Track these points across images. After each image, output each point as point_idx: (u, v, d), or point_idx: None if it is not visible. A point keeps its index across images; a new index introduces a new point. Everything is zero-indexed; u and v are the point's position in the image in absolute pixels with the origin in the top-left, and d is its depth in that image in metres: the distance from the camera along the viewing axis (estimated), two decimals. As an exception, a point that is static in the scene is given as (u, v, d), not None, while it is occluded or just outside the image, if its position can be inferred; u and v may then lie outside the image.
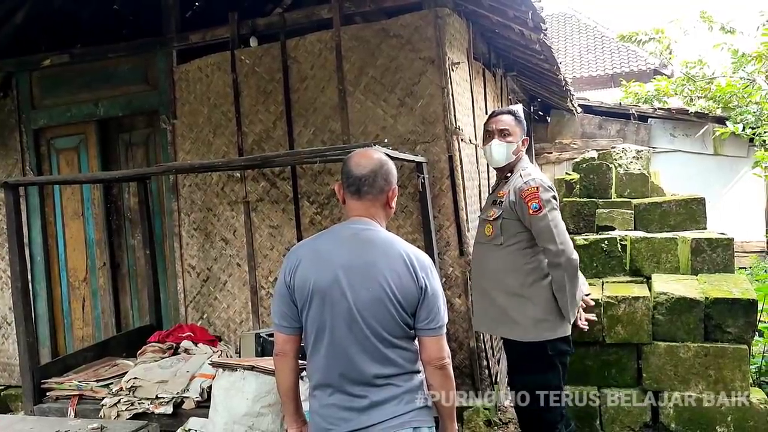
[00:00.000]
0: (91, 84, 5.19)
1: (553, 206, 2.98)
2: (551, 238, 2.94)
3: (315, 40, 4.55)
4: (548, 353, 3.03)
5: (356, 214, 2.12)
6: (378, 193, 2.10)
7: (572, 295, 2.98)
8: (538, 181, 3.01)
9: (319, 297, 2.03)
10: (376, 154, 2.15)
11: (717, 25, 10.64)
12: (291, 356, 2.17)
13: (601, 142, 10.09)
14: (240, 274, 4.81)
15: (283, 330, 2.14)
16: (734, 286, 3.70)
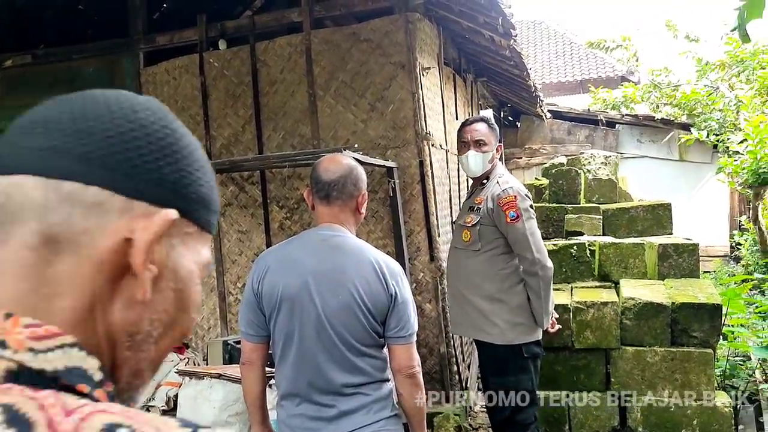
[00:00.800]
0: (54, 86, 5.07)
1: (530, 215, 3.04)
2: (528, 246, 2.99)
3: (285, 44, 4.51)
4: (523, 356, 3.09)
5: (326, 220, 2.09)
6: (347, 198, 2.08)
7: (546, 302, 3.03)
8: (516, 190, 3.05)
9: (287, 304, 1.99)
10: (345, 160, 2.13)
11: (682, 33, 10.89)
12: (258, 365, 2.13)
13: (570, 148, 10.20)
14: (208, 279, 4.73)
15: (250, 338, 2.10)
16: (699, 291, 3.75)
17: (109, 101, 0.57)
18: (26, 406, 0.45)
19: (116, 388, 0.54)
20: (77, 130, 0.53)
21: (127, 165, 0.54)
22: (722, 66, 9.90)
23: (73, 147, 0.53)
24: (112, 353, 0.55)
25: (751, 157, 6.81)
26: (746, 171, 6.97)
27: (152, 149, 0.56)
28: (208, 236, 0.62)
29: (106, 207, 0.53)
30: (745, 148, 7.08)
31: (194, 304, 0.61)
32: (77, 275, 0.52)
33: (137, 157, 0.54)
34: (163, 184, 0.56)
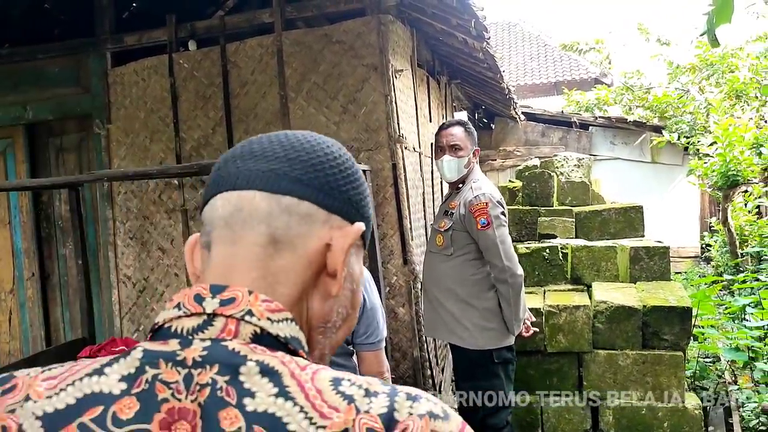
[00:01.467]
0: (19, 86, 4.94)
1: (501, 222, 3.03)
2: (497, 254, 2.99)
3: (256, 45, 4.45)
4: (494, 361, 3.09)
5: None
6: None
7: (516, 309, 3.03)
8: (488, 196, 3.04)
9: None
10: None
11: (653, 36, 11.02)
12: None
13: (544, 150, 10.26)
14: (178, 284, 4.65)
15: None
16: (670, 293, 3.78)
17: (307, 138, 0.73)
18: (273, 361, 0.60)
19: None
20: (289, 158, 0.69)
21: (327, 187, 0.69)
22: (693, 69, 10.05)
23: (288, 171, 0.68)
24: (308, 337, 0.69)
25: (720, 160, 6.91)
26: (716, 173, 7.08)
27: (342, 176, 0.71)
28: (363, 250, 0.77)
29: (314, 218, 0.68)
30: (714, 150, 7.18)
31: (359, 304, 0.76)
32: (293, 269, 0.67)
33: (333, 181, 0.70)
34: (350, 203, 0.72)
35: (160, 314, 0.65)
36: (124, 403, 0.57)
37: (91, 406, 0.57)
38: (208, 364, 0.58)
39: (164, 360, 0.59)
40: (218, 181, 0.71)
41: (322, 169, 0.70)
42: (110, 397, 0.58)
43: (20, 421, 0.57)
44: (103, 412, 0.57)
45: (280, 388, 0.58)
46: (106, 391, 0.58)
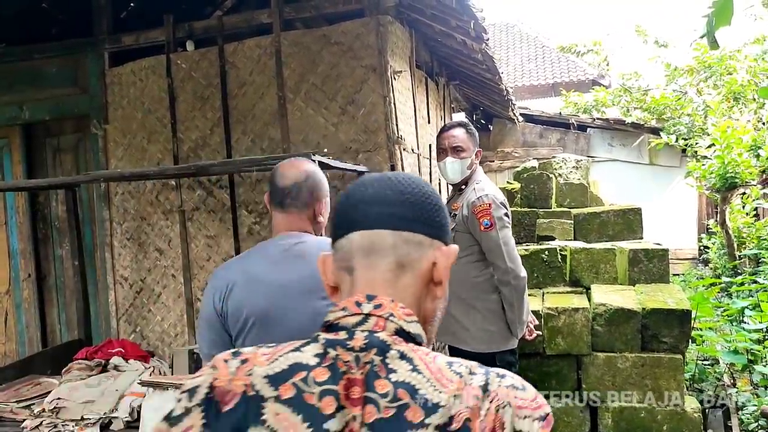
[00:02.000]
0: (15, 86, 4.92)
1: (504, 224, 3.00)
2: (500, 255, 2.97)
3: (254, 45, 4.43)
4: (496, 365, 3.05)
5: (282, 227, 1.99)
6: (302, 206, 1.97)
7: (520, 312, 3.00)
8: (491, 197, 3.01)
9: (258, 324, 1.88)
10: (303, 165, 2.02)
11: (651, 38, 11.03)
12: None
13: (542, 151, 10.26)
14: (175, 285, 4.64)
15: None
16: (669, 296, 3.77)
17: (409, 182, 0.98)
18: (407, 349, 0.86)
19: None
20: (402, 202, 0.96)
21: (429, 220, 0.97)
22: (690, 71, 10.05)
23: (404, 213, 0.95)
24: (423, 329, 0.93)
25: (718, 162, 6.91)
26: (714, 175, 7.07)
27: (435, 210, 0.98)
28: None
29: (424, 245, 0.95)
30: (712, 152, 7.18)
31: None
32: (413, 284, 0.95)
33: (431, 216, 0.97)
34: (442, 229, 0.99)
35: (329, 315, 0.94)
36: (318, 371, 0.86)
37: (297, 371, 0.86)
38: (368, 349, 0.86)
39: (340, 346, 0.87)
40: (352, 221, 0.98)
41: (423, 208, 0.97)
42: (309, 367, 0.86)
43: (254, 381, 0.87)
44: (305, 375, 0.85)
45: (413, 366, 0.85)
46: (305, 362, 0.87)
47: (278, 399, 0.85)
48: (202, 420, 0.86)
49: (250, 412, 0.85)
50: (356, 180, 1.05)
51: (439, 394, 0.83)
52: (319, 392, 0.84)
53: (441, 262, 0.96)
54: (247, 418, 0.85)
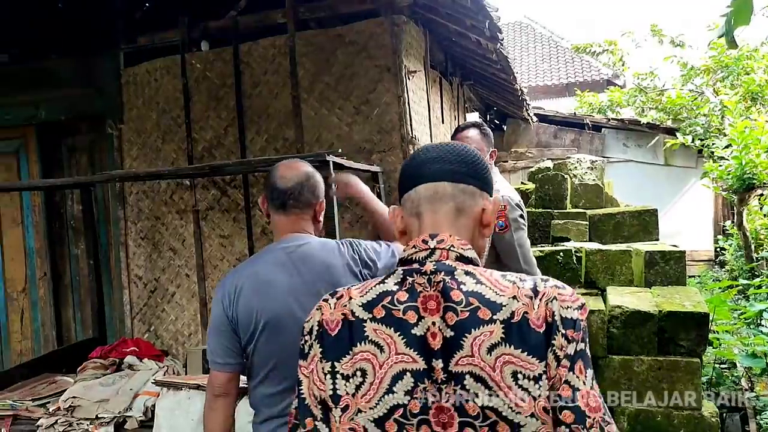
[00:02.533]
0: (31, 86, 4.95)
1: (519, 225, 2.96)
2: (515, 257, 2.93)
3: (268, 45, 4.43)
4: None
5: (285, 230, 2.00)
6: (304, 207, 1.99)
7: None
8: (506, 199, 2.97)
9: (269, 328, 1.88)
10: (303, 166, 2.04)
11: (667, 38, 10.92)
12: (233, 395, 1.98)
13: (556, 151, 10.20)
14: (189, 285, 4.65)
15: (228, 368, 1.93)
16: (686, 299, 3.72)
17: (462, 147, 1.27)
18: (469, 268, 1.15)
19: None
20: (458, 160, 1.23)
21: (479, 176, 1.24)
22: (707, 71, 9.94)
23: (459, 168, 1.23)
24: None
25: (736, 163, 6.82)
26: (731, 176, 6.99)
27: (484, 168, 1.26)
28: None
29: (476, 195, 1.23)
30: (730, 153, 7.09)
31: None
32: (467, 225, 1.22)
33: (482, 172, 1.26)
34: (489, 184, 1.27)
35: (404, 252, 1.22)
36: (400, 294, 1.16)
37: (384, 297, 1.17)
38: (437, 273, 1.14)
39: (414, 273, 1.16)
40: (419, 176, 1.25)
41: (475, 166, 1.25)
42: (392, 292, 1.17)
43: (352, 309, 1.18)
44: (391, 299, 1.16)
45: (476, 280, 1.14)
46: (389, 290, 1.17)
47: (374, 319, 1.16)
48: (319, 348, 1.21)
49: (354, 333, 1.17)
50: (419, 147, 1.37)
51: (500, 297, 1.11)
52: (403, 308, 1.15)
53: (488, 209, 1.25)
54: (353, 337, 1.17)
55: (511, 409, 1.07)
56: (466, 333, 1.09)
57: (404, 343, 1.12)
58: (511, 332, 1.09)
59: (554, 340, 1.09)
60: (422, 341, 1.11)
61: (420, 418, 1.11)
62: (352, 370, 1.15)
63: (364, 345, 1.15)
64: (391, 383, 1.12)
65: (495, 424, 1.08)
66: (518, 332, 1.09)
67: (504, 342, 1.09)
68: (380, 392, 1.13)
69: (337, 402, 1.16)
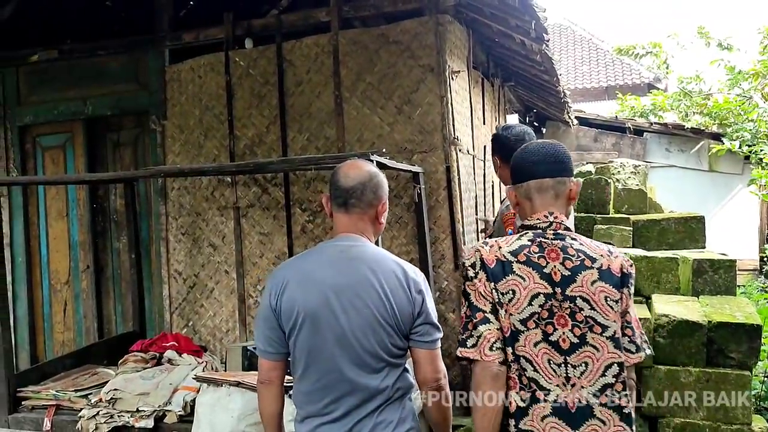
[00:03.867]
0: (79, 81, 5.04)
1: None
2: None
3: (312, 44, 4.43)
4: None
5: (343, 229, 2.00)
6: (366, 207, 1.98)
7: None
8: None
9: (309, 322, 1.90)
10: (366, 166, 2.03)
11: (714, 41, 10.65)
12: (277, 384, 2.04)
13: (596, 155, 10.03)
14: (228, 281, 4.67)
15: (269, 356, 2.00)
16: (737, 309, 3.60)
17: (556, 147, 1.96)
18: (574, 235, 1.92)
19: None
20: (555, 161, 1.93)
21: (567, 168, 1.96)
22: (756, 75, 9.66)
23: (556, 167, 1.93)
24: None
25: (786, 170, 6.61)
26: (781, 184, 6.77)
27: (569, 160, 1.97)
28: None
29: (567, 182, 1.94)
30: (779, 160, 6.88)
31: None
32: (563, 204, 1.94)
33: (569, 164, 1.97)
34: (572, 169, 1.98)
35: (529, 220, 1.93)
36: (533, 247, 1.86)
37: (524, 248, 1.86)
38: (556, 238, 1.87)
39: (540, 236, 1.88)
40: (530, 173, 1.94)
41: (565, 162, 1.93)
42: (528, 245, 1.86)
43: (503, 253, 1.86)
44: (528, 250, 1.85)
45: (580, 243, 1.88)
46: (525, 244, 1.86)
47: (518, 261, 1.84)
48: (484, 274, 1.85)
49: (505, 269, 1.84)
50: (525, 146, 2.00)
51: (594, 254, 1.85)
52: (537, 256, 1.84)
53: (573, 189, 1.95)
54: (505, 272, 1.83)
55: (603, 317, 1.81)
56: (578, 273, 1.81)
57: (539, 277, 1.82)
58: (603, 274, 1.82)
59: (628, 284, 1.86)
60: (549, 276, 1.82)
61: (547, 320, 1.81)
62: (506, 289, 1.82)
63: (512, 276, 1.82)
64: (530, 300, 1.81)
65: (592, 327, 1.80)
66: (607, 275, 1.82)
67: (599, 279, 1.82)
68: (524, 304, 1.81)
69: (501, 306, 1.82)
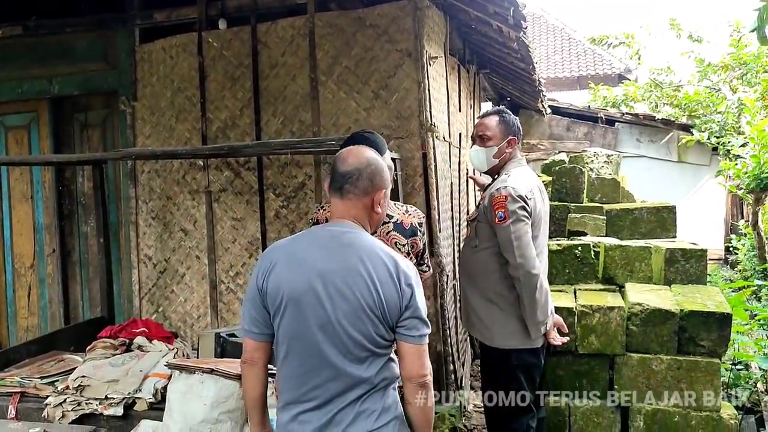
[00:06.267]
0: (45, 59, 4.87)
1: (518, 217, 2.91)
2: (511, 249, 2.91)
3: (287, 26, 4.34)
4: (512, 363, 3.00)
5: (338, 215, 1.99)
6: (361, 193, 1.95)
7: (532, 310, 2.91)
8: (508, 190, 2.94)
9: (293, 306, 1.87)
10: (366, 152, 2.01)
11: (685, 33, 10.79)
12: (260, 365, 2.02)
13: (568, 144, 10.10)
14: (199, 267, 4.59)
15: (253, 336, 1.99)
16: (708, 298, 3.66)
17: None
18: None
19: None
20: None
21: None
22: (725, 68, 9.82)
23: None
24: None
25: (754, 162, 6.73)
26: (748, 175, 6.90)
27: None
28: None
29: None
30: (747, 152, 7.00)
31: None
32: None
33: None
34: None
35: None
36: None
37: None
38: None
39: None
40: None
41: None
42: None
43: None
44: None
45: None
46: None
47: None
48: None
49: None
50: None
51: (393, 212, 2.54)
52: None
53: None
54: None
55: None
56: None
57: None
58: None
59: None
60: None
61: None
62: None
63: None
64: None
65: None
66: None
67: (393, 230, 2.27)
68: None
69: None
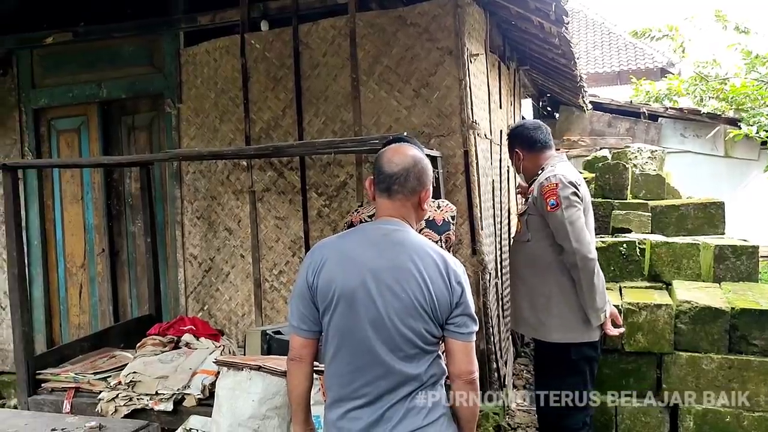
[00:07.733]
0: (94, 64, 5.01)
1: (571, 203, 2.90)
2: (566, 235, 2.87)
3: (329, 26, 4.38)
4: (571, 357, 2.95)
5: (386, 213, 1.99)
6: (409, 193, 1.96)
7: (591, 296, 2.87)
8: (558, 177, 2.95)
9: (344, 302, 1.88)
10: (411, 151, 2.01)
11: (731, 24, 10.49)
12: (307, 362, 2.03)
13: (609, 140, 9.93)
14: (243, 265, 4.66)
15: (301, 333, 2.00)
16: (761, 296, 3.57)
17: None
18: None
19: None
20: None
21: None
22: (774, 59, 9.52)
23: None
24: None
25: (805, 156, 6.52)
26: (799, 170, 6.68)
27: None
28: None
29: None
30: (798, 145, 6.78)
31: None
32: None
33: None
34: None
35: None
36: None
37: None
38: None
39: None
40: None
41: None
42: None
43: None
44: None
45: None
46: None
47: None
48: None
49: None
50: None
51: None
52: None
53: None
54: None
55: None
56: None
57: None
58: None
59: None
60: None
61: None
62: None
63: None
64: None
65: None
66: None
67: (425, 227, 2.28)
68: None
69: None
